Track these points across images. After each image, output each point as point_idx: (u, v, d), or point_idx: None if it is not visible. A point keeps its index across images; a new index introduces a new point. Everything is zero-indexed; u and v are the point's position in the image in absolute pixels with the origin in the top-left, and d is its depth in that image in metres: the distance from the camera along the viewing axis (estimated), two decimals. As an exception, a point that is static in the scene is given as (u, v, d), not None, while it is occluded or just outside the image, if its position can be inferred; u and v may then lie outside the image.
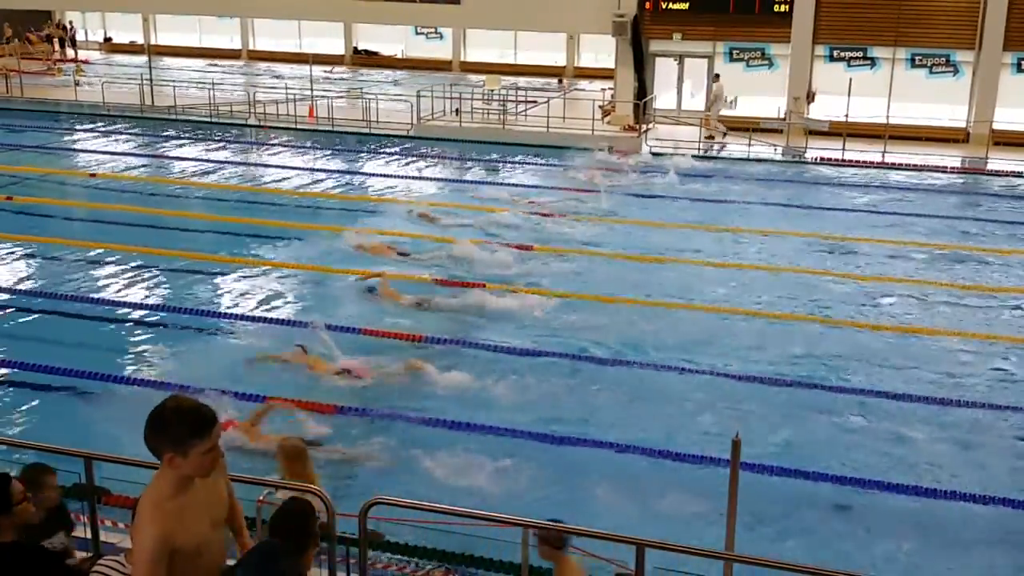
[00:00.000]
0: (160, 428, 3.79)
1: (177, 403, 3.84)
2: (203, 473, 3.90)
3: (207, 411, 3.86)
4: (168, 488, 3.86)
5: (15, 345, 12.42)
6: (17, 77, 32.06)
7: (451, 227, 18.18)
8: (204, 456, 3.82)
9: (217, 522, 4.14)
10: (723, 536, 5.88)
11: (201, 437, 3.78)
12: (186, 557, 3.88)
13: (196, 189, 21.07)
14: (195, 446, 3.78)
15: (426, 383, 11.67)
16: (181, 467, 3.81)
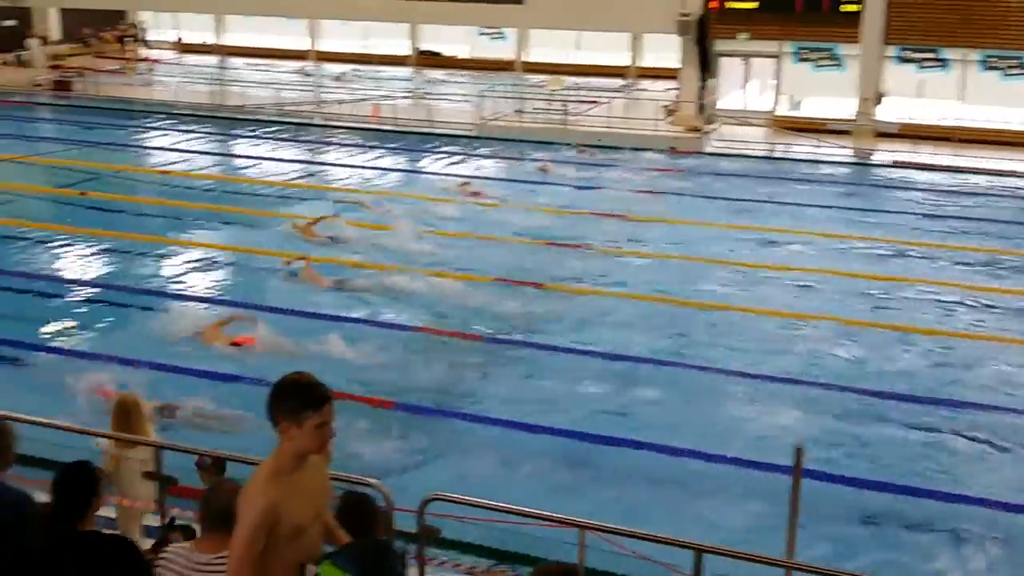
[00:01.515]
0: (278, 398, 3.99)
1: (295, 377, 4.05)
2: (316, 447, 4.06)
3: (323, 388, 4.06)
4: (283, 462, 4.02)
5: (83, 334, 12.72)
6: (92, 76, 32.85)
7: (507, 225, 18.25)
8: (317, 430, 3.98)
9: (318, 513, 4.25)
10: (783, 544, 5.84)
11: (315, 409, 3.97)
12: (285, 536, 3.99)
13: (261, 187, 21.39)
14: (309, 418, 3.95)
15: (489, 385, 11.75)
16: (296, 438, 3.97)
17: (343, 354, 12.32)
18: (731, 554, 5.59)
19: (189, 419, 10.20)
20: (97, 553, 4.76)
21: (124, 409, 7.36)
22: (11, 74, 35.01)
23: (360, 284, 14.93)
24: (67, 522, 4.77)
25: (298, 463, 4.06)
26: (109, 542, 4.85)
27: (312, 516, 4.17)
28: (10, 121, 28.09)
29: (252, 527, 3.93)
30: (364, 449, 9.98)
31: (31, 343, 12.40)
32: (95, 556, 4.74)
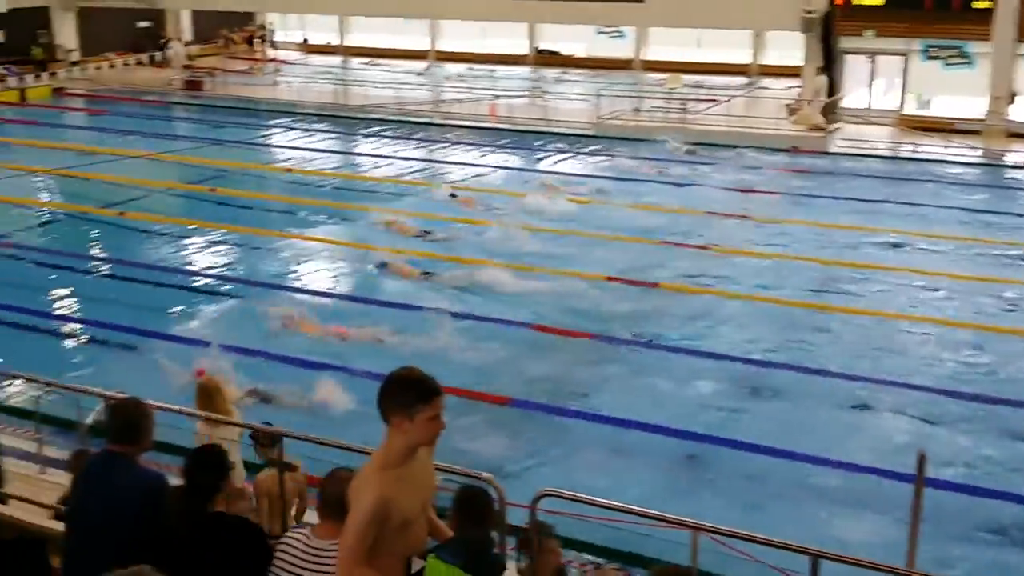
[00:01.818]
0: (390, 393, 4.03)
1: (406, 371, 4.09)
2: (428, 440, 4.10)
3: (434, 382, 4.09)
4: (394, 456, 4.07)
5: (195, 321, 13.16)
6: (221, 76, 34.00)
7: (627, 227, 18.18)
8: (429, 423, 4.02)
9: (424, 505, 4.30)
10: (903, 552, 5.69)
11: (426, 402, 4.00)
12: (394, 529, 4.05)
13: (383, 184, 21.78)
14: (421, 411, 3.99)
15: (601, 383, 11.76)
16: (408, 432, 4.01)
17: (459, 350, 12.50)
18: (849, 561, 5.45)
19: (280, 402, 10.70)
20: (224, 534, 4.95)
21: (206, 392, 7.80)
22: (146, 73, 36.53)
23: (471, 281, 15.09)
24: (197, 504, 4.96)
25: (408, 456, 4.09)
26: (235, 524, 5.04)
27: (419, 508, 4.22)
28: (145, 119, 29.31)
29: (364, 521, 3.99)
30: (477, 444, 10.11)
31: (147, 330, 12.92)
32: (222, 537, 4.93)
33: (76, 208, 19.85)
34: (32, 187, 21.80)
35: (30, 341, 12.56)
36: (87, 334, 13.01)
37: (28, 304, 13.74)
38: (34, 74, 33.92)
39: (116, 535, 4.89)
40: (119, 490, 4.99)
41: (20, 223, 18.83)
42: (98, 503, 5.01)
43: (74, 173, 22.37)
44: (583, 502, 6.06)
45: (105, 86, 34.44)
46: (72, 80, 34.98)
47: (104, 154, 24.08)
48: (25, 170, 22.58)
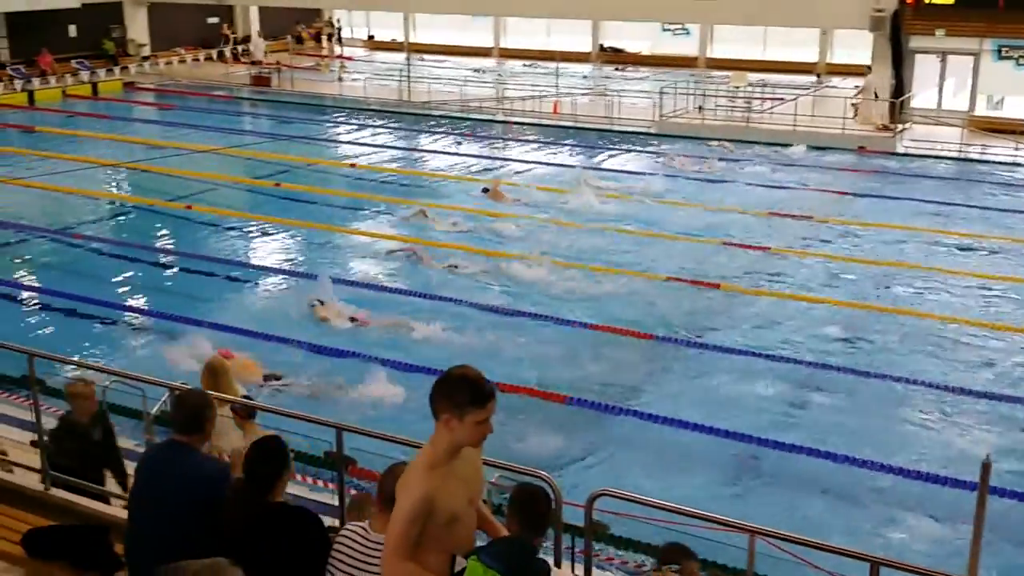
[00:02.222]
0: (444, 390, 4.04)
1: (463, 371, 4.09)
2: (474, 442, 4.11)
3: (489, 385, 4.09)
4: (441, 453, 4.09)
5: (242, 310, 13.33)
6: (289, 71, 34.43)
7: (689, 227, 18.07)
8: (477, 426, 4.03)
9: (473, 500, 4.31)
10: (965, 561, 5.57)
11: (478, 405, 4.01)
12: (441, 524, 4.09)
13: (445, 181, 21.89)
14: (471, 413, 4.00)
15: (659, 384, 11.71)
16: (455, 431, 4.02)
17: (518, 348, 12.56)
18: (909, 568, 5.37)
19: (292, 386, 11.23)
20: (283, 525, 5.02)
21: (212, 370, 8.03)
22: (215, 69, 37.14)
23: (528, 279, 15.13)
24: (257, 494, 5.04)
25: (453, 454, 4.11)
26: (295, 515, 5.11)
27: (466, 503, 4.23)
28: (213, 114, 29.82)
29: (408, 517, 4.02)
30: (532, 442, 10.14)
31: (207, 320, 13.13)
32: (282, 527, 5.00)
33: (145, 201, 20.27)
34: (102, 180, 22.31)
35: (97, 331, 12.85)
36: (151, 324, 13.26)
37: (95, 294, 14.06)
38: (106, 68, 34.68)
39: (177, 524, 5.00)
40: (181, 479, 5.09)
41: (90, 215, 19.30)
42: (160, 492, 5.12)
43: (143, 166, 22.84)
44: (638, 502, 6.04)
45: (175, 81, 35.10)
46: (143, 74, 35.70)
47: (173, 148, 24.54)
48: (96, 163, 23.10)
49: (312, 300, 13.63)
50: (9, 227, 17.90)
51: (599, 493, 5.69)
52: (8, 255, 16.62)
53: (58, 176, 19.72)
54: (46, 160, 22.92)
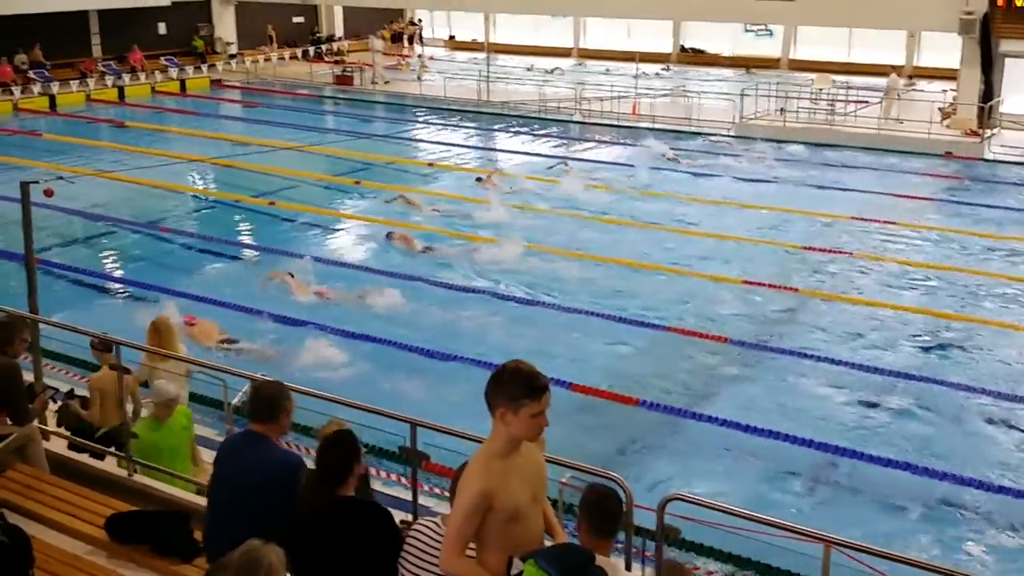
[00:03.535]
0: (499, 384, 4.08)
1: (516, 365, 4.11)
2: (529, 435, 4.13)
3: (543, 378, 4.11)
4: (498, 447, 4.12)
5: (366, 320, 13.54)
6: (371, 71, 34.83)
7: (773, 229, 17.85)
8: (533, 419, 4.05)
9: (537, 496, 4.31)
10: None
11: (532, 398, 4.03)
12: (502, 519, 4.10)
13: (519, 181, 21.90)
14: (526, 406, 4.02)
15: (732, 388, 11.60)
16: (511, 424, 4.05)
17: (594, 349, 12.55)
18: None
19: (248, 351, 12.21)
20: (354, 518, 5.08)
21: (156, 328, 8.53)
22: (300, 67, 37.76)
23: (606, 280, 15.10)
24: (329, 486, 5.11)
25: (512, 448, 4.13)
26: (366, 508, 5.17)
27: (529, 498, 4.22)
28: (297, 112, 30.34)
29: (466, 510, 4.05)
30: (605, 442, 10.13)
31: (287, 316, 13.38)
32: (353, 521, 5.07)
33: (229, 196, 20.70)
34: (188, 175, 22.86)
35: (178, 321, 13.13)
36: (232, 317, 13.52)
37: (177, 286, 14.41)
38: (194, 66, 35.49)
39: (252, 513, 5.09)
40: (257, 469, 5.19)
41: (176, 209, 19.79)
42: (236, 481, 5.23)
43: (228, 163, 23.34)
44: (711, 508, 5.99)
45: (260, 79, 35.78)
46: (230, 72, 36.46)
47: (257, 145, 25.02)
48: (183, 158, 23.64)
49: (283, 275, 14.57)
50: (98, 219, 18.45)
51: (671, 497, 5.65)
52: (96, 246, 17.13)
53: (146, 171, 20.21)
54: (135, 155, 23.56)
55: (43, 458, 7.18)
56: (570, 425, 10.31)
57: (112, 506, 6.34)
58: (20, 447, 6.95)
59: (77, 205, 18.09)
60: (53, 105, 30.46)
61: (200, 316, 13.03)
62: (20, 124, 28.14)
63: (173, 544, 5.80)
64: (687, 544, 7.86)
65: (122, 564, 5.82)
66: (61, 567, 5.53)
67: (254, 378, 6.83)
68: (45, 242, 14.59)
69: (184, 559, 5.76)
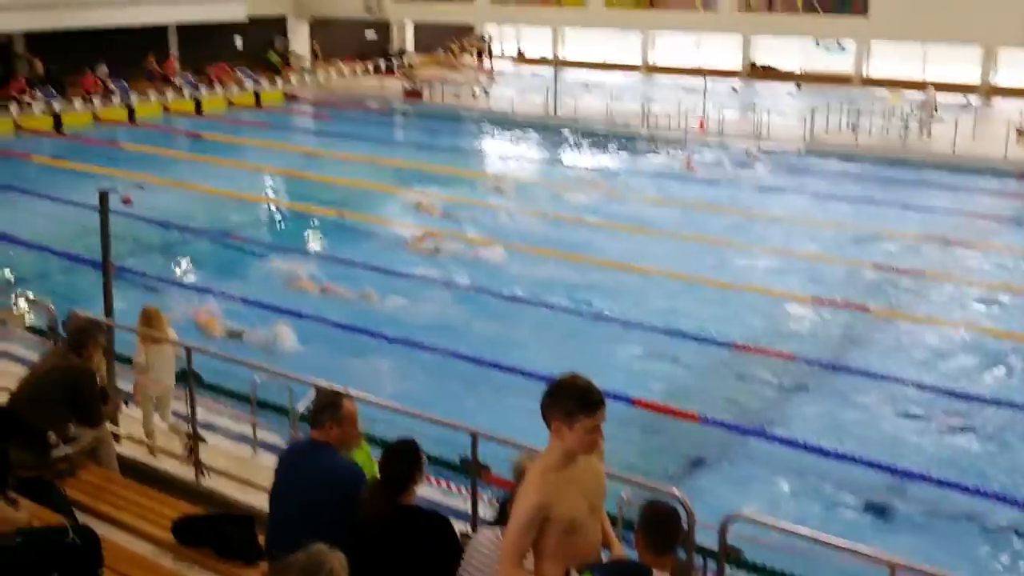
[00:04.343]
0: (554, 397, 4.10)
1: (572, 379, 4.14)
2: (585, 449, 4.13)
3: (598, 392, 4.11)
4: (554, 459, 4.14)
5: (421, 328, 13.66)
6: (439, 85, 35.18)
7: (843, 247, 17.61)
8: (587, 433, 4.07)
9: (595, 508, 4.32)
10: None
11: (588, 413, 4.05)
12: (560, 531, 4.11)
13: (580, 193, 21.91)
14: (581, 420, 4.04)
15: (798, 407, 11.45)
16: (566, 438, 4.07)
17: (657, 363, 12.49)
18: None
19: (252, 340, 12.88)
20: (415, 527, 5.14)
21: (147, 316, 9.03)
22: (371, 82, 38.25)
23: (667, 295, 15.07)
24: (390, 495, 5.17)
25: (568, 460, 4.13)
26: (426, 518, 5.22)
27: (587, 509, 4.23)
28: (367, 125, 30.74)
29: (523, 522, 4.07)
30: (665, 458, 10.07)
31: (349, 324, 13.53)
32: (413, 529, 5.12)
33: (299, 207, 21.03)
34: (262, 185, 23.28)
35: (247, 327, 13.38)
36: (299, 324, 13.72)
37: (249, 295, 14.67)
38: (269, 79, 36.17)
39: (313, 519, 5.17)
40: (318, 477, 5.27)
41: (248, 218, 20.16)
42: (299, 488, 5.31)
43: (300, 173, 23.72)
44: (773, 528, 5.93)
45: (332, 93, 36.32)
46: (303, 86, 37.08)
47: (327, 157, 25.40)
48: (257, 169, 24.13)
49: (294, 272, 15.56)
50: (173, 227, 18.88)
51: (734, 516, 5.60)
52: (170, 253, 17.53)
53: (220, 180, 20.67)
54: (210, 165, 24.08)
55: (114, 460, 7.37)
56: (631, 440, 10.29)
57: (179, 509, 6.47)
58: (92, 449, 7.14)
59: (153, 213, 18.54)
60: (132, 116, 31.28)
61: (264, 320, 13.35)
62: (99, 134, 28.94)
63: (237, 548, 5.91)
64: (750, 566, 7.77)
65: (187, 566, 5.95)
66: (129, 567, 5.66)
67: (318, 385, 6.93)
68: (121, 248, 14.93)
69: (247, 563, 5.86)
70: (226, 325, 13.45)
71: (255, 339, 12.93)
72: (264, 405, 9.17)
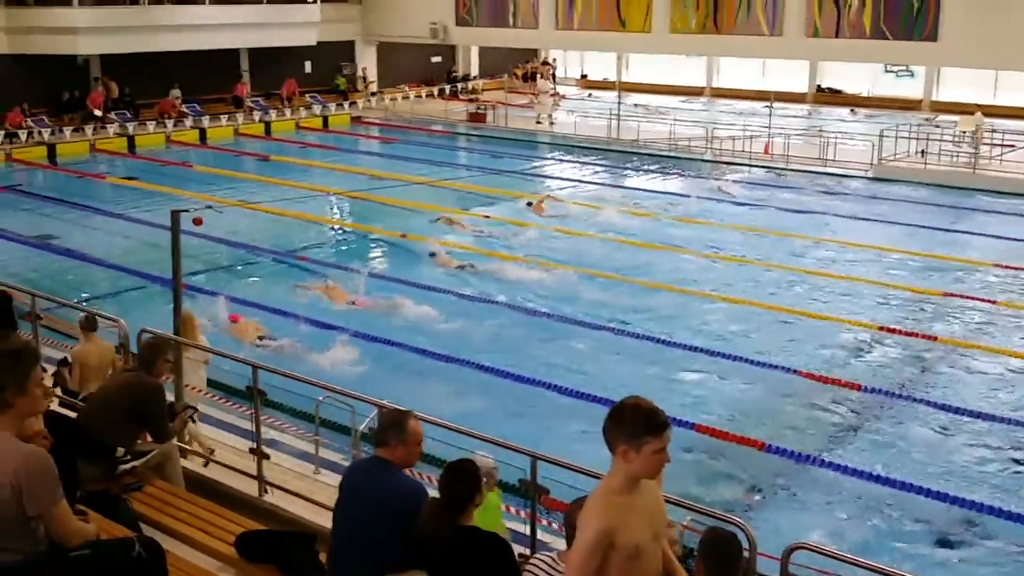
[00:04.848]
0: (618, 421, 4.06)
1: (636, 401, 4.09)
2: (651, 473, 4.10)
3: (662, 414, 4.07)
4: (618, 484, 4.09)
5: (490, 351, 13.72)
6: (503, 109, 35.43)
7: (911, 273, 17.33)
8: (653, 455, 4.02)
9: (657, 534, 4.27)
10: None
11: (653, 435, 4.00)
12: (623, 557, 4.08)
13: (641, 219, 21.86)
14: (647, 443, 3.99)
15: (863, 437, 11.26)
16: (632, 462, 4.03)
17: (721, 390, 12.39)
18: None
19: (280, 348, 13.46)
20: (473, 548, 5.15)
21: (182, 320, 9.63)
22: (436, 105, 38.64)
23: (730, 320, 14.98)
24: (450, 516, 5.19)
25: (632, 485, 4.09)
26: (485, 539, 5.22)
27: (650, 536, 4.18)
28: (431, 148, 31.06)
29: (588, 548, 4.02)
30: (727, 485, 9.96)
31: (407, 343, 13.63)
32: (471, 551, 5.13)
33: (364, 228, 21.27)
34: (328, 207, 23.60)
35: (314, 347, 13.54)
36: (371, 346, 13.85)
37: (313, 314, 14.86)
38: (336, 103, 36.74)
39: (374, 538, 5.21)
40: (379, 495, 5.30)
41: (315, 239, 20.44)
42: (361, 506, 5.35)
43: (365, 195, 24.01)
44: (837, 559, 5.82)
45: (398, 116, 36.76)
46: (369, 109, 37.58)
47: (392, 179, 25.68)
48: (324, 191, 24.49)
49: (321, 285, 16.21)
50: (241, 247, 19.22)
51: (796, 546, 5.51)
52: (240, 273, 17.84)
53: (288, 202, 20.99)
54: (278, 187, 24.49)
55: (180, 475, 7.50)
56: (691, 466, 10.20)
57: (243, 524, 6.55)
58: (159, 464, 7.28)
59: (223, 234, 18.89)
60: (203, 138, 31.98)
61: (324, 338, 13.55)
62: (172, 155, 29.63)
63: (298, 564, 5.96)
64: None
65: (250, 581, 6.02)
66: (193, 581, 5.74)
67: (382, 405, 7.00)
68: (192, 268, 15.24)
69: (309, 579, 5.91)
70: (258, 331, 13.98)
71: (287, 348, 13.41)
72: (326, 424, 9.27)
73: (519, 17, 35.83)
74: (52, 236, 20.16)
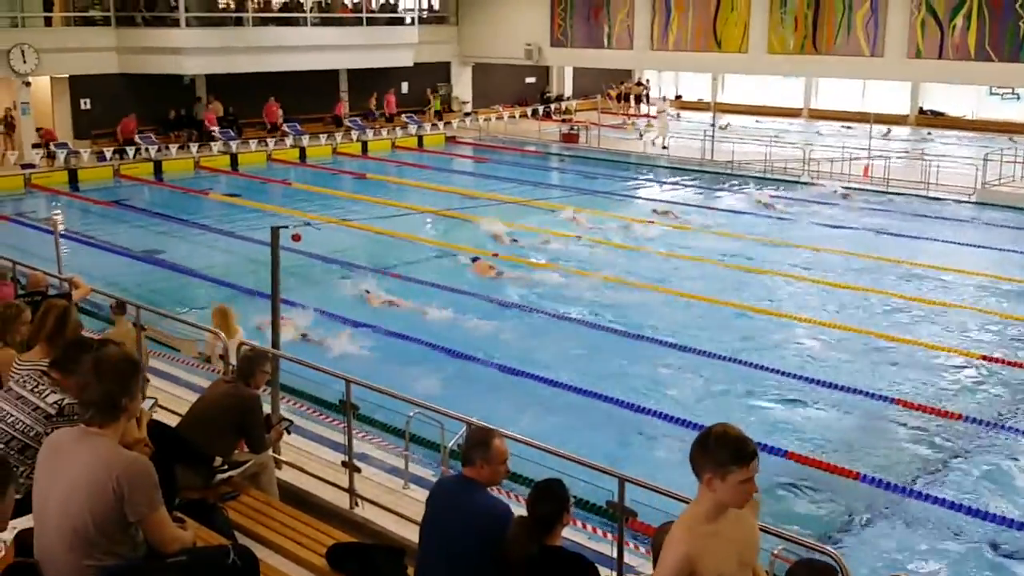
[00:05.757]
0: (704, 449, 4.01)
1: (724, 429, 4.03)
2: (737, 502, 4.03)
3: (751, 444, 4.00)
4: (703, 512, 4.05)
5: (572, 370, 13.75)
6: (596, 129, 35.43)
7: (1010, 303, 16.79)
8: (740, 485, 3.96)
9: (746, 563, 4.21)
10: None
11: (740, 465, 3.94)
12: None
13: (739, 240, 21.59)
14: (733, 472, 3.93)
15: (959, 468, 10.94)
16: (717, 491, 3.98)
17: (816, 418, 12.19)
18: None
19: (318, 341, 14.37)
20: (559, 568, 5.16)
21: (222, 311, 11.68)
22: (529, 125, 38.87)
23: (826, 346, 14.73)
24: (536, 535, 5.21)
25: (718, 512, 4.04)
26: (571, 560, 5.24)
27: (736, 564, 4.12)
28: (523, 168, 31.25)
29: (669, 574, 4.01)
30: (820, 515, 9.78)
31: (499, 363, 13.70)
32: (557, 571, 5.15)
33: (455, 247, 21.48)
34: (421, 225, 23.92)
35: (408, 362, 13.72)
36: (453, 363, 13.99)
37: (407, 330, 15.07)
38: (431, 123, 37.25)
39: (460, 556, 5.27)
40: (466, 514, 5.35)
41: (407, 257, 20.72)
42: (447, 524, 5.41)
43: (456, 214, 24.26)
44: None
45: (492, 136, 37.09)
46: (463, 129, 38.00)
47: (483, 199, 25.88)
48: (417, 209, 24.80)
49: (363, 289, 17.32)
50: (336, 263, 19.60)
51: (894, 577, 5.40)
52: (335, 289, 18.18)
53: (383, 220, 21.30)
54: (374, 205, 24.91)
55: (275, 485, 7.68)
56: (783, 494, 10.04)
57: (333, 536, 6.67)
58: (254, 474, 7.47)
59: (320, 250, 19.28)
60: (303, 156, 32.74)
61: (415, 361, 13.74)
62: (272, 173, 30.40)
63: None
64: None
65: (339, 592, 6.12)
66: (285, 591, 5.87)
67: (472, 422, 7.06)
68: (290, 282, 15.60)
69: (397, 593, 5.99)
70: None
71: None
72: (416, 439, 9.38)
73: (614, 38, 35.85)
74: (157, 250, 20.86)
